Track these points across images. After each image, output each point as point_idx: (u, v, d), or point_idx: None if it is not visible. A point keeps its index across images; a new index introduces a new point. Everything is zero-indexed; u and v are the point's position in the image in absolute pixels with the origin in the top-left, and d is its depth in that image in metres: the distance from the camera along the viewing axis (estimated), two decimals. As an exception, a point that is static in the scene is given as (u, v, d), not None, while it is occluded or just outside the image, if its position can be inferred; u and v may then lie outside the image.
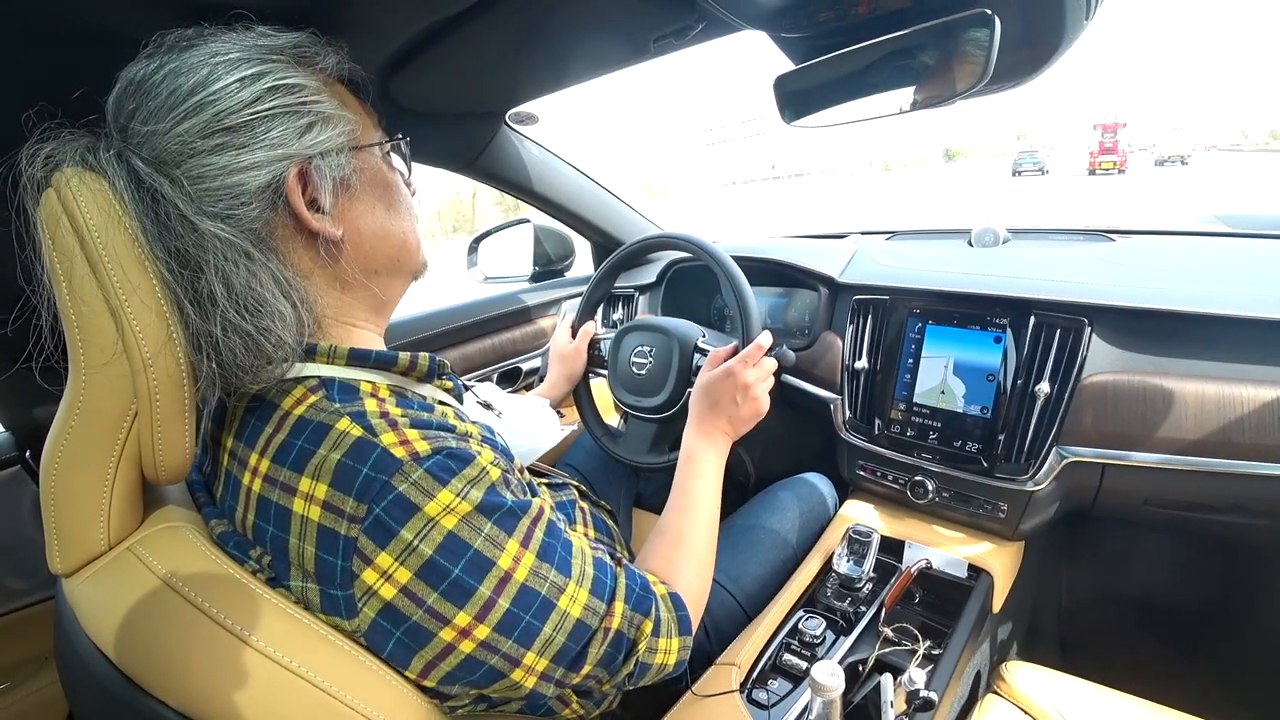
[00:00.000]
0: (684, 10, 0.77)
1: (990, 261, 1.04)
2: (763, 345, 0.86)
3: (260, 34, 0.51)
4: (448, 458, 0.47)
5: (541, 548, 0.50)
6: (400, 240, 0.59)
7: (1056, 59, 0.66)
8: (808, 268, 1.20)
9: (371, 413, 0.48)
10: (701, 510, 0.75)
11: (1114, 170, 26.97)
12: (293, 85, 0.50)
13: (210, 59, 0.47)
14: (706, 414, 0.83)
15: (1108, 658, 1.17)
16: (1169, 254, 1.03)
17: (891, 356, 1.00)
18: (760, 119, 49.78)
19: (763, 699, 0.72)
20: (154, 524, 0.50)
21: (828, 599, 0.86)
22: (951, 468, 0.93)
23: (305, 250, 0.52)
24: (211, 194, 0.47)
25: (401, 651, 0.47)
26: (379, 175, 0.58)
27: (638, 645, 0.56)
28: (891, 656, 0.76)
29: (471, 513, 0.46)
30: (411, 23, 0.74)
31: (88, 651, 0.44)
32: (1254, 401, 0.75)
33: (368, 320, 0.59)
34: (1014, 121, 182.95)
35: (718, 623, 0.85)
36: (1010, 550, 0.93)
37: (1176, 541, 1.17)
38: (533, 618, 0.48)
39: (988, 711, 0.74)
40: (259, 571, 0.48)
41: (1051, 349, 0.86)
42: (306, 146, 0.50)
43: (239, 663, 0.43)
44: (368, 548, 0.44)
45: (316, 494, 0.46)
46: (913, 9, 0.63)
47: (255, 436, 0.50)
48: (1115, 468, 0.83)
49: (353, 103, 0.57)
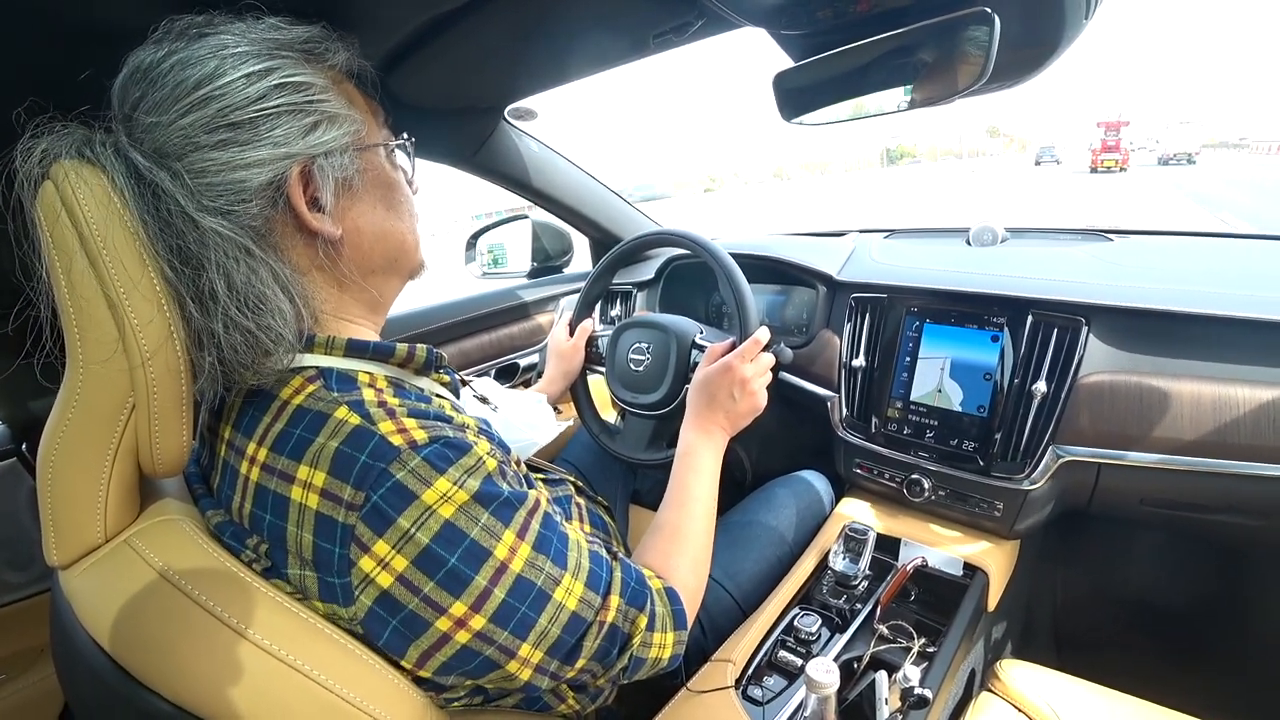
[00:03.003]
0: (684, 7, 0.77)
1: (988, 260, 1.05)
2: (760, 340, 0.86)
3: (271, 26, 0.50)
4: (445, 446, 0.47)
5: (537, 539, 0.50)
6: (399, 241, 0.59)
7: (1056, 57, 0.66)
8: (806, 265, 1.20)
9: (369, 402, 0.49)
10: (698, 506, 0.75)
11: (1116, 168, 26.99)
12: (300, 83, 0.50)
13: (219, 51, 0.47)
14: (704, 410, 0.83)
15: (1102, 656, 1.18)
16: (1167, 254, 1.03)
17: (889, 355, 1.00)
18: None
19: (758, 695, 0.73)
20: (151, 516, 0.50)
21: (823, 596, 0.86)
22: (948, 466, 0.94)
23: (304, 248, 0.52)
24: (213, 189, 0.47)
25: (397, 640, 0.47)
26: (382, 175, 0.57)
27: (632, 639, 0.56)
28: (886, 654, 0.76)
29: (468, 502, 0.46)
30: (412, 17, 0.73)
31: (84, 644, 0.44)
32: (1250, 402, 0.75)
33: (364, 318, 0.59)
34: (986, 118, 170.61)
35: (713, 619, 0.85)
36: (1006, 549, 0.93)
37: (1172, 541, 1.17)
38: (528, 609, 0.49)
39: (982, 709, 0.74)
40: (255, 562, 0.48)
41: (1049, 348, 0.86)
42: (310, 146, 0.50)
43: (234, 655, 0.43)
44: (365, 535, 0.44)
45: (315, 482, 0.46)
46: (913, 7, 0.63)
47: (253, 426, 0.50)
48: (1111, 467, 0.83)
49: (359, 100, 0.57)
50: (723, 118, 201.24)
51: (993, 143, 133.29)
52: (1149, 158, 35.53)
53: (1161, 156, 30.58)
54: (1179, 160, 29.33)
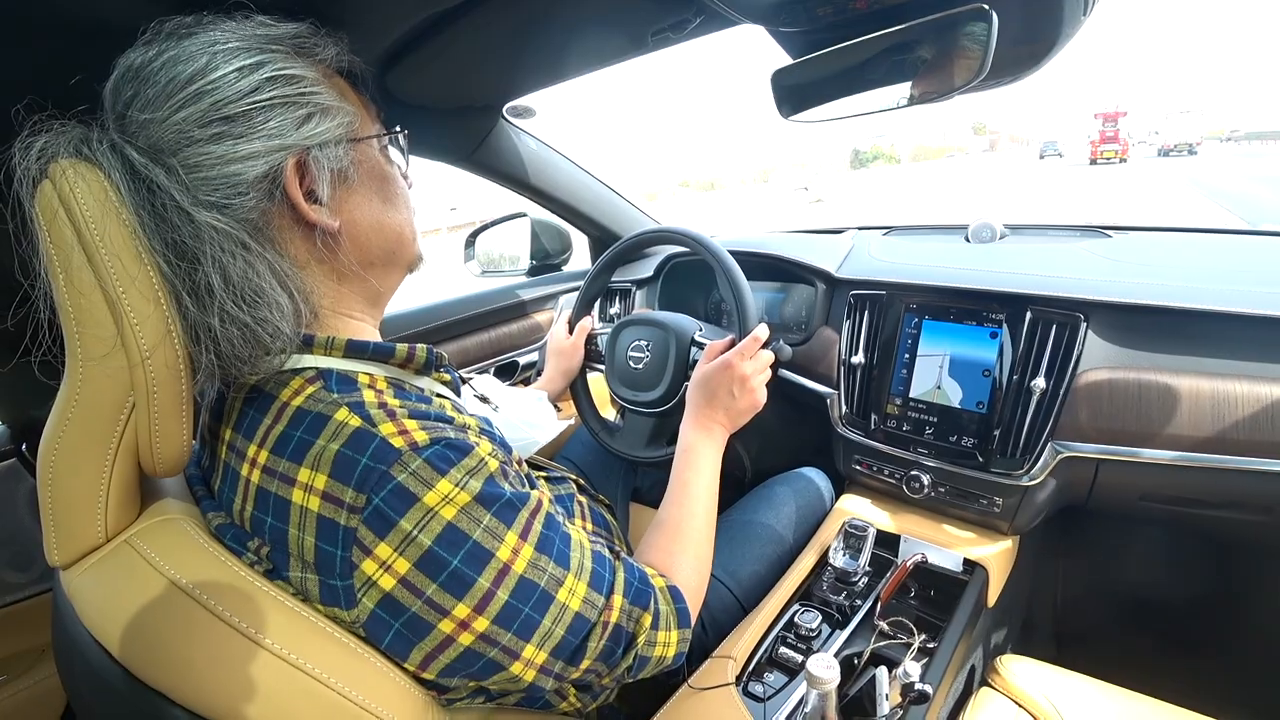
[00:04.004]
0: (682, 4, 0.77)
1: (987, 257, 1.05)
2: (759, 338, 0.86)
3: (260, 23, 0.51)
4: (446, 448, 0.47)
5: (540, 540, 0.50)
6: (396, 233, 0.59)
7: (1054, 53, 0.66)
8: (805, 262, 1.20)
9: (370, 403, 0.48)
10: (699, 503, 0.75)
11: (1115, 159, 26.98)
12: (292, 76, 0.50)
13: (209, 47, 0.47)
14: (703, 407, 0.84)
15: (1102, 651, 1.18)
16: (1165, 250, 1.03)
17: (888, 351, 1.00)
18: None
19: (759, 692, 0.73)
20: (151, 516, 0.50)
21: (823, 593, 0.87)
22: (947, 462, 0.94)
23: (302, 241, 0.52)
24: (208, 183, 0.47)
25: (400, 643, 0.47)
26: (376, 168, 0.58)
27: (636, 638, 0.56)
28: (887, 650, 0.76)
29: (470, 503, 0.46)
30: (409, 15, 0.73)
31: (85, 643, 0.44)
32: (1249, 397, 0.76)
33: (363, 312, 0.59)
34: (971, 114, 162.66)
35: (714, 616, 0.85)
36: (1005, 545, 0.93)
37: (1171, 536, 1.17)
38: (532, 610, 0.48)
39: (982, 705, 0.75)
40: (257, 564, 0.48)
41: (1047, 344, 0.86)
42: (305, 137, 0.50)
43: (236, 655, 0.43)
44: (367, 538, 0.44)
45: (316, 484, 0.46)
46: (911, 3, 0.63)
47: (253, 428, 0.50)
48: (1110, 463, 0.83)
49: (351, 95, 0.57)
50: (660, 127, 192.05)
51: (977, 139, 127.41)
52: (1149, 149, 35.28)
53: (1162, 148, 30.25)
54: (1179, 151, 29.02)
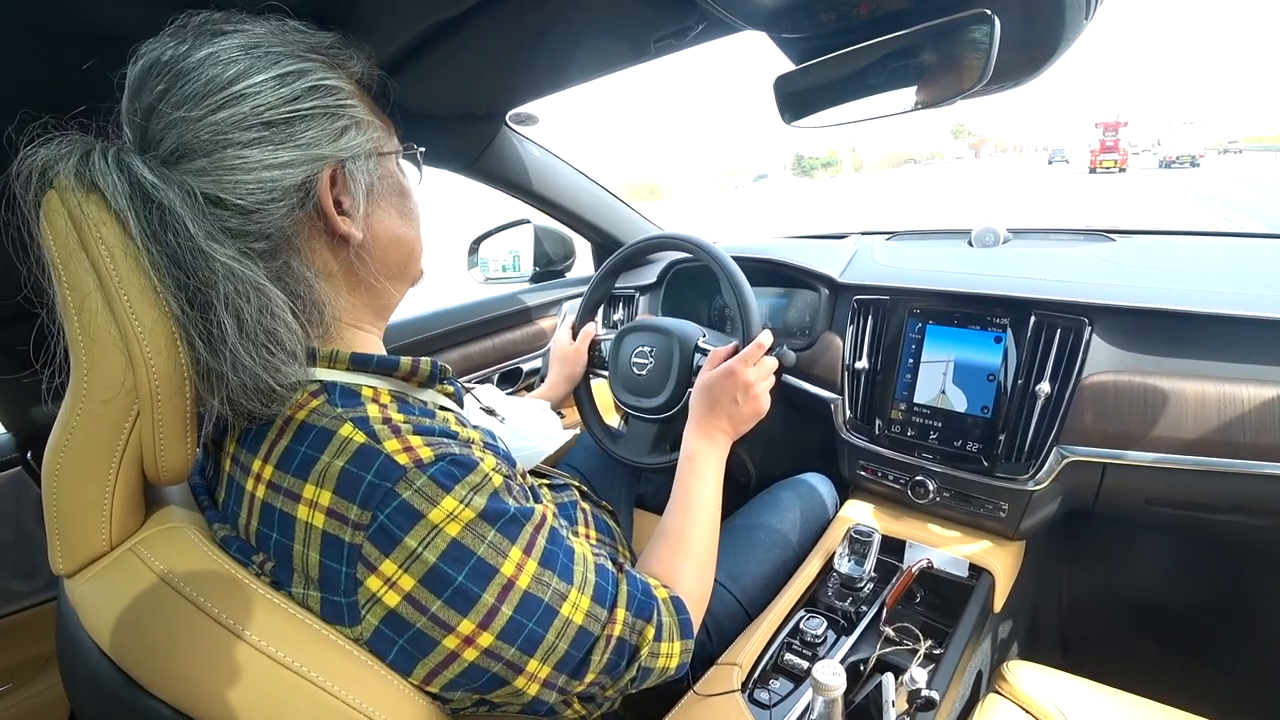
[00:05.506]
0: (684, 11, 0.77)
1: (990, 261, 1.05)
2: (763, 344, 0.86)
3: (294, 29, 0.51)
4: (451, 464, 0.47)
5: (544, 555, 0.50)
6: (410, 247, 0.59)
7: (1056, 58, 0.66)
8: (808, 268, 1.20)
9: (374, 418, 0.48)
10: (702, 511, 0.75)
11: (1115, 169, 26.92)
12: (331, 87, 0.51)
13: (251, 50, 0.47)
14: (707, 414, 0.83)
15: (1108, 657, 1.17)
16: (1169, 254, 1.03)
17: (892, 357, 1.00)
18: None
19: (764, 699, 0.72)
20: (155, 524, 0.50)
21: (829, 599, 0.86)
22: (952, 467, 0.94)
23: (325, 251, 0.53)
24: (242, 185, 0.47)
25: (404, 659, 0.47)
26: (396, 182, 0.58)
27: (640, 651, 0.56)
28: (893, 656, 0.76)
29: (475, 520, 0.46)
30: (413, 23, 0.74)
31: (90, 652, 0.44)
32: (1255, 401, 0.75)
33: (370, 324, 0.59)
34: (950, 118, 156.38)
35: (719, 622, 0.85)
36: (1011, 550, 0.93)
37: (1177, 541, 1.17)
38: (535, 625, 0.48)
39: (989, 711, 0.74)
40: (261, 576, 0.48)
41: (1052, 349, 0.86)
42: (340, 149, 0.51)
43: (241, 662, 0.43)
44: (372, 555, 0.44)
45: (321, 501, 0.46)
46: (913, 9, 0.63)
47: (258, 442, 0.50)
48: (1116, 467, 0.83)
49: (374, 109, 0.58)
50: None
51: (956, 144, 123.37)
52: (1150, 160, 35.01)
53: (1163, 159, 29.51)
54: (1181, 163, 28.30)
